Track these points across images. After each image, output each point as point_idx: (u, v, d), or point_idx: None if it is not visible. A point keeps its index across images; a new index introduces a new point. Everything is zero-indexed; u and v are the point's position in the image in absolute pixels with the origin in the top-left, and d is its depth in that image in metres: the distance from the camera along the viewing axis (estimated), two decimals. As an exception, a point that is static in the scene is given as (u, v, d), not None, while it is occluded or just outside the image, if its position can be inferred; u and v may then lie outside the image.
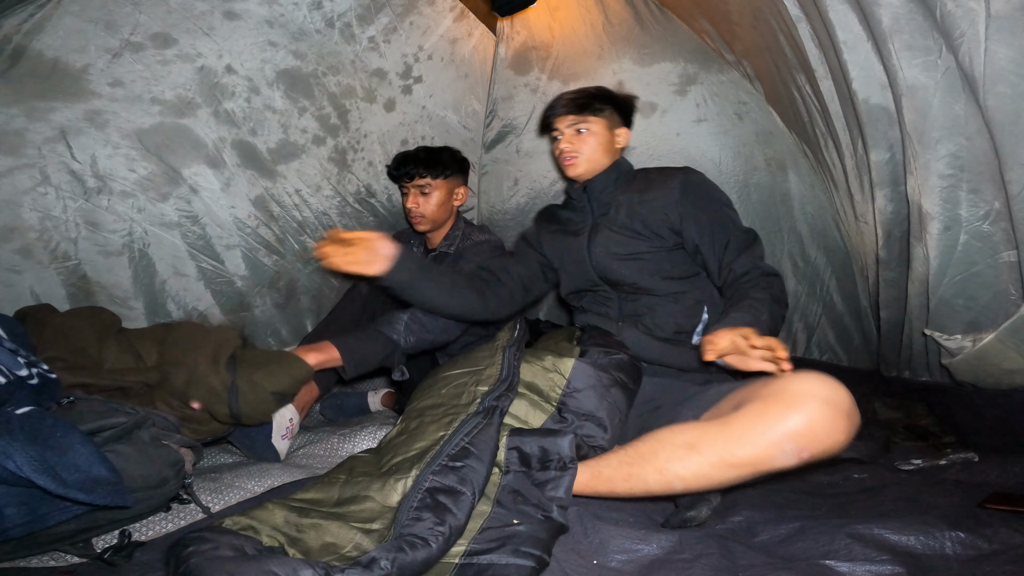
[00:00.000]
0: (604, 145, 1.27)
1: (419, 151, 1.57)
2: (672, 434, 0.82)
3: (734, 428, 0.76)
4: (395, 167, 1.56)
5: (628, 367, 1.03)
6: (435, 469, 0.76)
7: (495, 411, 0.87)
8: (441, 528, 0.68)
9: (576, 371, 0.97)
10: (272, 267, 1.63)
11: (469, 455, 0.79)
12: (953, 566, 0.74)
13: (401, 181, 1.56)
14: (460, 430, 0.83)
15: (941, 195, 0.99)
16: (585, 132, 1.26)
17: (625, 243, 1.20)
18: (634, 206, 1.21)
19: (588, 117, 1.25)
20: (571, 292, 1.32)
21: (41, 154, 1.25)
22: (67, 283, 1.35)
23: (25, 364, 0.89)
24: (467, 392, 0.93)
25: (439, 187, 1.53)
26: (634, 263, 1.19)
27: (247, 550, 0.64)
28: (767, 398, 0.76)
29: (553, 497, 0.80)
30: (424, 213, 1.52)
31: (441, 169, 1.52)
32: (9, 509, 0.71)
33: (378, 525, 0.73)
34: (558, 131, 1.28)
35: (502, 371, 0.96)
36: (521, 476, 0.83)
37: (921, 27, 0.89)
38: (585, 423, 0.92)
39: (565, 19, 1.76)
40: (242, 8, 1.34)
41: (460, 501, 0.73)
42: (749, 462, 0.74)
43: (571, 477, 0.82)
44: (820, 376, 0.75)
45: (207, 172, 1.46)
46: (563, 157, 1.27)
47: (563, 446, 0.83)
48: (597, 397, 0.95)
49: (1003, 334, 1.01)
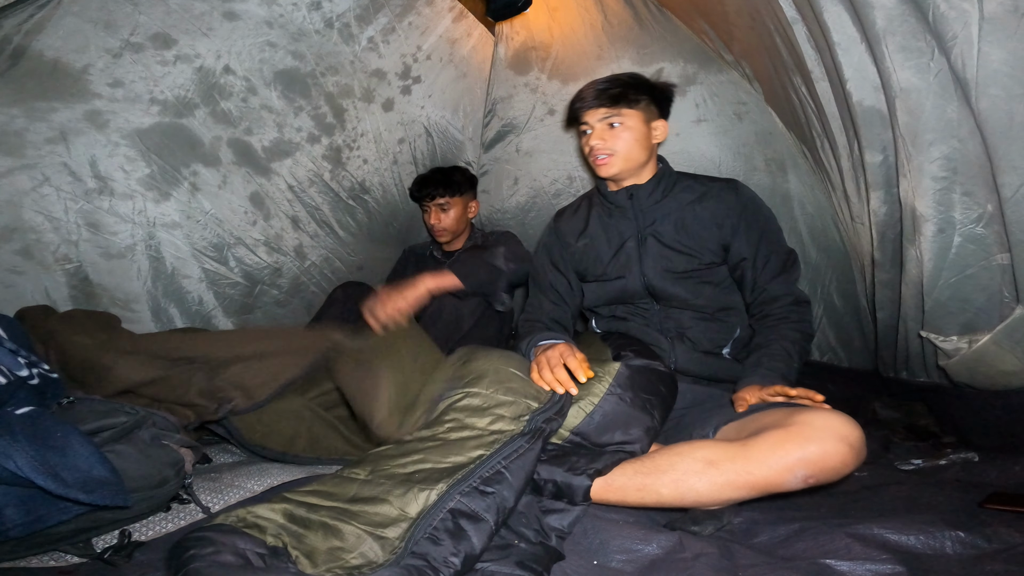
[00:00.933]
0: (640, 141, 1.14)
1: (435, 173, 1.76)
2: (691, 449, 0.86)
3: (753, 451, 0.81)
4: (416, 189, 1.76)
5: (668, 380, 1.02)
6: (464, 490, 0.73)
7: (541, 434, 0.84)
8: (455, 559, 0.65)
9: (619, 376, 0.96)
10: (272, 264, 1.64)
11: (502, 481, 0.75)
12: (953, 566, 0.74)
13: (423, 201, 1.75)
14: (501, 451, 0.79)
15: (934, 197, 0.99)
16: (619, 127, 1.13)
17: (680, 260, 1.15)
18: (683, 217, 1.15)
19: (623, 109, 1.12)
20: (605, 303, 1.25)
21: (41, 155, 1.25)
22: (69, 284, 1.35)
23: (26, 364, 0.89)
24: (517, 403, 0.88)
25: (456, 203, 1.73)
26: (689, 281, 1.15)
27: (249, 555, 0.61)
28: (789, 427, 0.81)
29: (554, 528, 0.79)
30: (446, 227, 1.73)
31: (456, 188, 1.72)
32: (9, 509, 0.71)
33: (392, 533, 0.68)
34: (587, 125, 1.16)
35: (554, 394, 0.91)
36: (529, 499, 0.82)
37: (914, 29, 0.89)
38: (620, 429, 0.91)
39: (564, 19, 1.77)
40: (242, 9, 1.35)
41: (481, 528, 0.70)
42: (761, 483, 0.80)
43: (579, 513, 0.81)
44: (840, 415, 0.82)
45: (204, 171, 1.46)
46: (594, 155, 1.15)
47: (578, 488, 0.81)
48: (638, 403, 0.93)
49: (998, 336, 1.01)
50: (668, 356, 1.14)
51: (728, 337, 1.18)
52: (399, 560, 0.64)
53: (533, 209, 2.05)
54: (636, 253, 1.17)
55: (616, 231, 1.21)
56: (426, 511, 0.70)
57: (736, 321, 1.19)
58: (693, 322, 1.17)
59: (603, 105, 1.12)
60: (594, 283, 1.24)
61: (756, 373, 1.02)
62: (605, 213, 1.24)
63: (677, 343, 1.16)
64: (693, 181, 1.21)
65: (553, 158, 1.95)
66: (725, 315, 1.18)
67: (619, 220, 1.21)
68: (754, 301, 1.16)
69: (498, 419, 0.85)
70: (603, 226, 1.23)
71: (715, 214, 1.15)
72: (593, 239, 1.23)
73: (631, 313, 1.21)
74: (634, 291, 1.19)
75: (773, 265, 1.13)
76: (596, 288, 1.24)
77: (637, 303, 1.21)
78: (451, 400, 0.91)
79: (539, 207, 2.03)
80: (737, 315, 1.19)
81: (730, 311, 1.18)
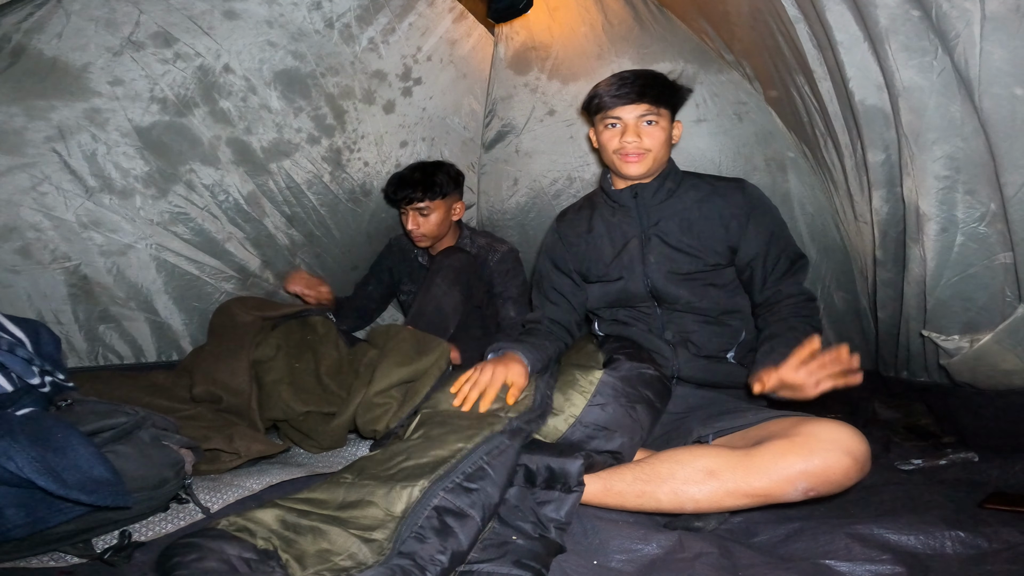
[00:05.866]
0: (667, 142, 1.13)
1: (415, 173, 1.57)
2: (692, 457, 0.85)
3: (756, 460, 0.80)
4: (392, 191, 1.58)
5: (657, 384, 1.02)
6: (448, 486, 0.73)
7: (521, 434, 0.84)
8: (442, 557, 0.66)
9: (602, 384, 0.95)
10: (263, 260, 1.63)
11: (485, 477, 0.75)
12: (953, 566, 0.74)
13: (399, 205, 1.59)
14: (482, 447, 0.79)
15: (937, 196, 0.99)
16: (654, 125, 1.10)
17: (684, 261, 1.12)
18: (689, 217, 1.13)
19: (661, 108, 1.10)
20: (607, 306, 1.23)
21: (40, 153, 1.25)
22: (67, 283, 1.35)
23: (38, 372, 0.90)
24: (494, 415, 0.89)
25: (437, 207, 1.56)
26: (693, 283, 1.13)
27: (234, 561, 0.61)
28: (794, 438, 0.80)
29: (553, 519, 0.79)
30: (425, 233, 1.58)
31: (438, 190, 1.55)
32: (10, 510, 0.71)
33: (379, 535, 0.69)
34: (618, 119, 1.11)
35: (535, 401, 0.92)
36: (523, 491, 0.82)
37: (917, 28, 0.88)
38: (603, 436, 0.91)
39: (564, 19, 1.76)
40: (242, 8, 1.34)
41: (467, 526, 0.70)
42: (761, 493, 0.79)
43: (575, 500, 0.81)
44: (846, 427, 0.81)
45: (203, 170, 1.46)
46: (626, 152, 1.10)
47: (572, 471, 0.81)
48: (620, 411, 0.93)
49: (1000, 335, 1.01)
50: (670, 364, 1.13)
51: (733, 341, 1.15)
52: (387, 561, 0.65)
53: (533, 209, 2.04)
54: (639, 253, 1.15)
55: (619, 230, 1.19)
56: (411, 508, 0.70)
57: (741, 325, 1.16)
58: (697, 326, 1.14)
59: (646, 101, 1.08)
60: (596, 284, 1.23)
61: (770, 358, 0.98)
62: (609, 212, 1.21)
63: (680, 349, 1.14)
64: (699, 180, 1.18)
65: (553, 159, 1.95)
66: (729, 318, 1.16)
67: (623, 219, 1.19)
68: (763, 301, 1.14)
69: (478, 420, 0.87)
70: (606, 225, 1.21)
71: (722, 214, 1.12)
72: (596, 238, 1.21)
73: (633, 317, 1.19)
74: (636, 293, 1.17)
75: (783, 265, 1.12)
76: (598, 289, 1.23)
77: (639, 306, 1.19)
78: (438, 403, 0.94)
79: (539, 207, 2.03)
80: (742, 318, 1.17)
81: (735, 314, 1.16)
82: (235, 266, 1.58)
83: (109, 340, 1.43)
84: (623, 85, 1.09)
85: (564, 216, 1.31)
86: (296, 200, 1.64)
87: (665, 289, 1.14)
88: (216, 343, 1.35)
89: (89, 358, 1.40)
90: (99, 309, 1.40)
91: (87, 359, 1.40)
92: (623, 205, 1.18)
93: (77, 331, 1.38)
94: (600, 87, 1.13)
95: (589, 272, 1.23)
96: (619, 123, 1.11)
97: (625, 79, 1.10)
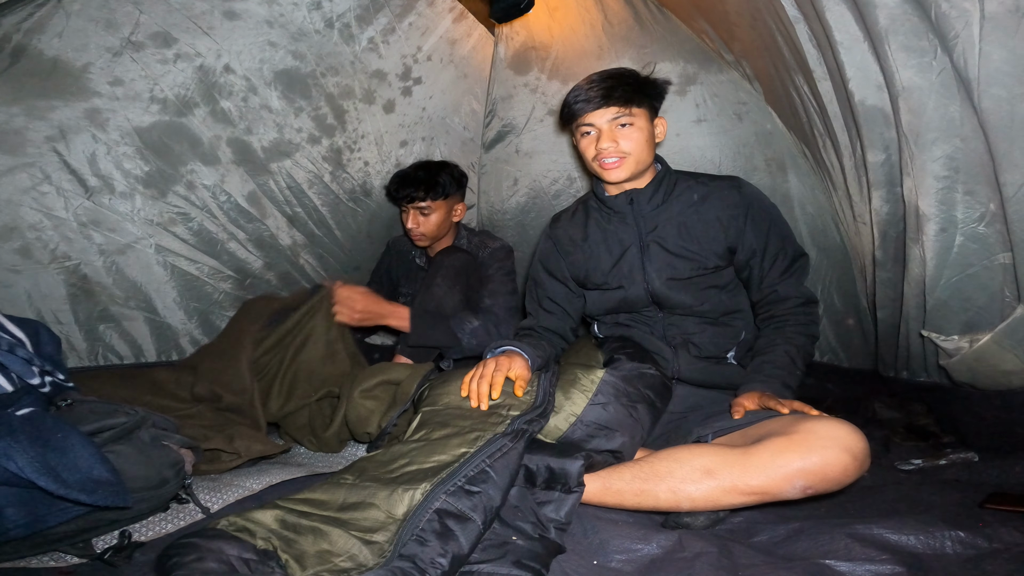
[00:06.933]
0: (649, 141, 1.08)
1: (418, 171, 1.55)
2: (690, 456, 0.85)
3: (753, 459, 0.80)
4: (394, 189, 1.56)
5: (658, 384, 1.02)
6: (450, 489, 0.72)
7: (523, 435, 0.84)
8: (442, 560, 0.65)
9: (604, 383, 0.95)
10: (265, 260, 1.63)
11: (488, 480, 0.75)
12: (953, 566, 0.74)
13: (400, 203, 1.57)
14: (484, 450, 0.79)
15: (937, 196, 0.99)
16: (629, 127, 1.05)
17: (684, 266, 1.11)
18: (686, 221, 1.11)
19: (633, 109, 1.05)
20: (606, 312, 1.21)
21: (41, 153, 1.25)
22: (67, 283, 1.35)
23: (38, 373, 0.90)
24: (496, 414, 0.89)
25: (439, 208, 1.55)
26: (694, 287, 1.12)
27: (233, 561, 0.61)
28: (792, 435, 0.80)
29: (553, 519, 0.79)
30: (424, 232, 1.56)
31: (440, 190, 1.53)
32: (10, 510, 0.71)
33: (380, 537, 0.68)
34: (591, 127, 1.07)
35: (537, 397, 0.92)
36: (523, 492, 0.82)
37: (917, 28, 0.89)
38: (604, 435, 0.91)
39: (564, 19, 1.76)
40: (242, 8, 1.34)
41: (468, 529, 0.69)
42: (759, 491, 0.79)
43: (575, 500, 0.81)
44: (845, 425, 0.81)
45: (203, 170, 1.46)
46: (603, 159, 1.06)
47: (572, 471, 0.81)
48: (621, 411, 0.93)
49: (999, 336, 1.01)
50: (671, 365, 1.13)
51: (733, 341, 1.15)
52: (387, 563, 0.65)
53: (533, 209, 2.04)
54: (639, 261, 1.13)
55: (616, 238, 1.16)
56: (412, 511, 0.70)
57: (741, 324, 1.16)
58: (698, 328, 1.14)
59: (614, 104, 1.04)
60: (595, 291, 1.21)
61: (756, 380, 1.00)
62: (604, 219, 1.18)
63: (681, 351, 1.13)
64: (694, 181, 1.16)
65: (553, 158, 1.95)
66: (730, 319, 1.15)
67: (619, 226, 1.16)
68: (761, 300, 1.13)
69: (481, 422, 0.86)
70: (602, 232, 1.18)
71: (719, 215, 1.11)
72: (592, 246, 1.18)
73: (634, 321, 1.19)
74: (637, 300, 1.15)
75: (781, 263, 1.10)
76: (597, 296, 1.21)
77: (640, 311, 1.18)
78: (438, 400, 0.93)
79: (539, 207, 2.03)
80: (742, 318, 1.17)
81: (736, 314, 1.16)
82: (234, 266, 1.58)
83: (109, 340, 1.43)
84: (589, 89, 1.05)
85: (558, 221, 1.28)
86: (297, 200, 1.64)
87: (666, 295, 1.13)
88: (221, 340, 1.35)
89: (89, 358, 1.41)
90: (99, 309, 1.40)
91: (87, 359, 1.40)
92: (618, 212, 1.15)
93: (77, 331, 1.38)
94: (569, 95, 1.09)
95: (587, 280, 1.21)
96: (593, 129, 1.08)
97: (593, 83, 1.06)
